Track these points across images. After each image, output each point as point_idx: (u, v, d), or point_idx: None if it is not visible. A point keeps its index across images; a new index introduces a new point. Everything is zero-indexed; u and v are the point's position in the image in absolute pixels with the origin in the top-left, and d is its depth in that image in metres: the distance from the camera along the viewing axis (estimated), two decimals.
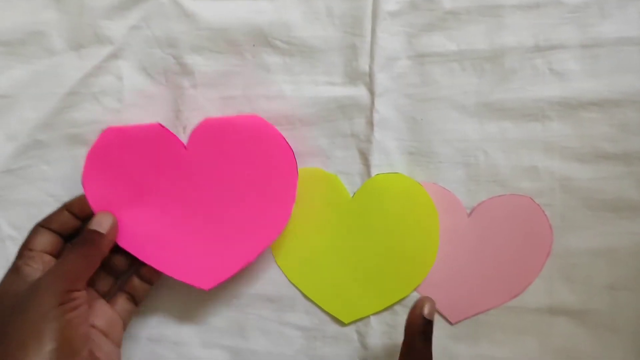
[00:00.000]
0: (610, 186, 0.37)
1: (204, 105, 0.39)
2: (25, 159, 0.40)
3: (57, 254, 0.36)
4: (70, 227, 0.36)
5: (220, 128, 0.37)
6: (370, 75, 0.38)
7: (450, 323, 0.39)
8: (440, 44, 0.38)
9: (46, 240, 0.35)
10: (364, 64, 0.38)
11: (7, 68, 0.39)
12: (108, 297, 0.38)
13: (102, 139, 0.36)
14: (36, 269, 0.34)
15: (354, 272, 0.39)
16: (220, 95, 0.39)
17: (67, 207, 0.36)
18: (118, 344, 0.37)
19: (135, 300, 0.38)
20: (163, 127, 0.36)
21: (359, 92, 0.38)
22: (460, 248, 0.38)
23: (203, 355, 0.40)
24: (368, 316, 0.39)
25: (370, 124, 0.38)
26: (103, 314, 0.37)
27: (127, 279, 0.38)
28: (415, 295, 0.39)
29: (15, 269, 0.34)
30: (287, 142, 0.36)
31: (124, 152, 0.36)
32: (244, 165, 0.37)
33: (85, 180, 0.36)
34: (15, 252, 0.35)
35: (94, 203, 0.36)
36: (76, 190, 0.37)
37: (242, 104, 0.39)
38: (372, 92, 0.38)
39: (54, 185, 0.40)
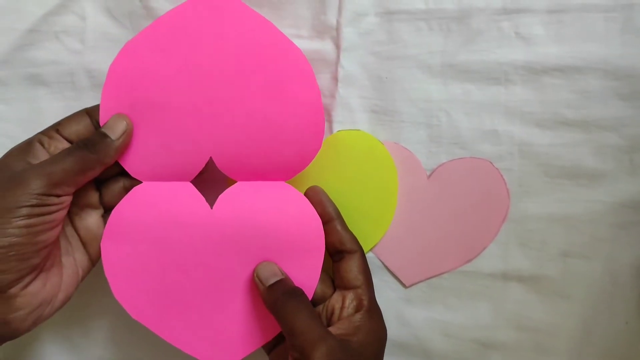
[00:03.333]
0: (568, 153, 0.37)
1: None
2: None
3: None
4: None
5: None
6: (338, 29, 0.38)
7: (405, 286, 0.39)
8: (409, 2, 0.37)
9: (81, 128, 0.32)
10: (331, 18, 0.38)
11: None
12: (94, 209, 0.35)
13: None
14: (45, 153, 0.31)
15: None
16: None
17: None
18: (93, 258, 0.34)
19: None
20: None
21: (325, 46, 0.38)
22: (418, 209, 0.38)
23: None
24: None
25: (335, 79, 0.38)
26: (89, 224, 0.34)
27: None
28: (372, 255, 0.39)
29: (27, 143, 0.31)
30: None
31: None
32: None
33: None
34: None
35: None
36: (35, 132, 0.35)
37: None
38: (338, 47, 0.38)
39: (11, 125, 0.39)
